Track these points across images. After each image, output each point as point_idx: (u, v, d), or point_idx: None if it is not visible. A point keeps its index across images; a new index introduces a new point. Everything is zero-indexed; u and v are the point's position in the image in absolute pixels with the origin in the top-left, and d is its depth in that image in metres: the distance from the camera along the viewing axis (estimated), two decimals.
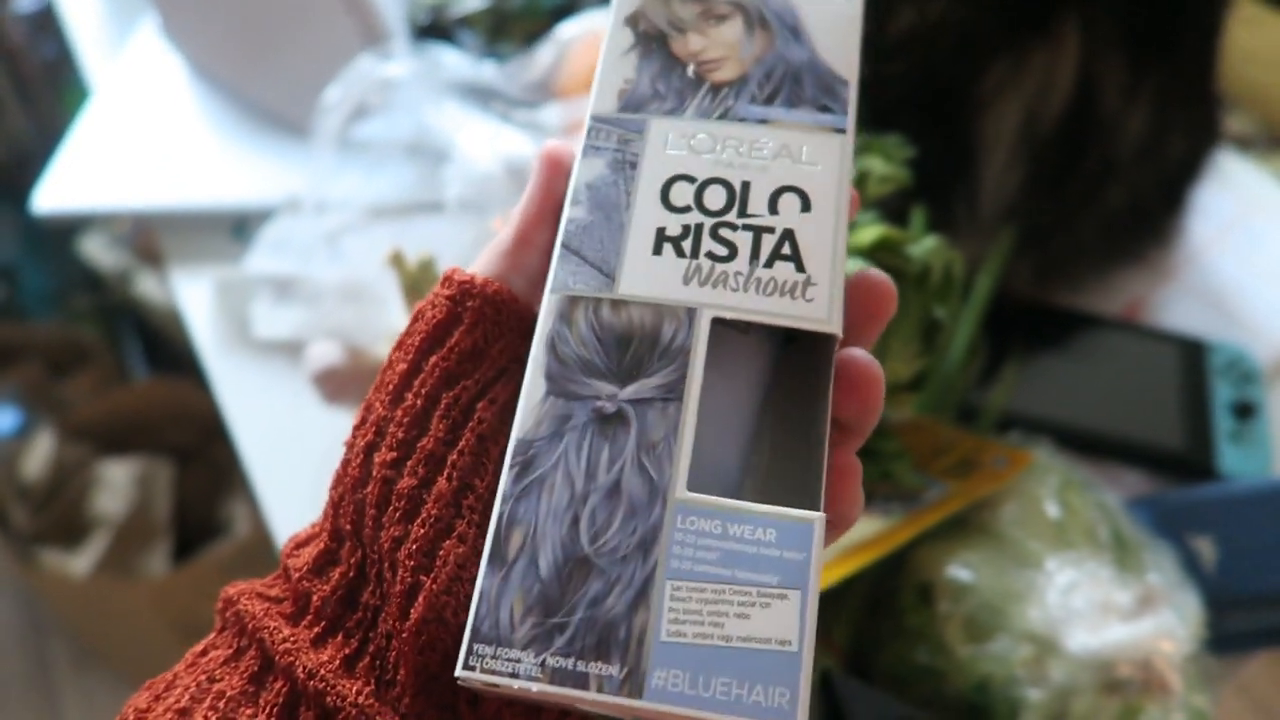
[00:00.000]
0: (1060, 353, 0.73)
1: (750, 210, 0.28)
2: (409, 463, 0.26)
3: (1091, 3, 0.60)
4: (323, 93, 0.70)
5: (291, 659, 0.25)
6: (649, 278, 0.27)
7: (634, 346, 0.26)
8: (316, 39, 0.78)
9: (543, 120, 0.68)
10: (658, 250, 0.27)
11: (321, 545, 0.27)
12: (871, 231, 0.49)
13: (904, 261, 0.49)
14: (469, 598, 0.25)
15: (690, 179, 0.28)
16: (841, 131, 0.29)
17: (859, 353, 0.27)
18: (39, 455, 1.19)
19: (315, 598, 0.26)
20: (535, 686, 0.23)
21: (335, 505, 0.28)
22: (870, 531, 0.51)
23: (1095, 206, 0.69)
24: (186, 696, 0.25)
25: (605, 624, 0.23)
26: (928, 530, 0.52)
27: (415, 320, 0.29)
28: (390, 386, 0.28)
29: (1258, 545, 0.61)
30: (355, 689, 0.25)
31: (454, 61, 0.72)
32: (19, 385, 1.29)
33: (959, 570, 0.52)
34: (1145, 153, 0.67)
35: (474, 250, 0.60)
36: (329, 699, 0.24)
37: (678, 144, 0.29)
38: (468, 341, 0.27)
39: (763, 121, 0.29)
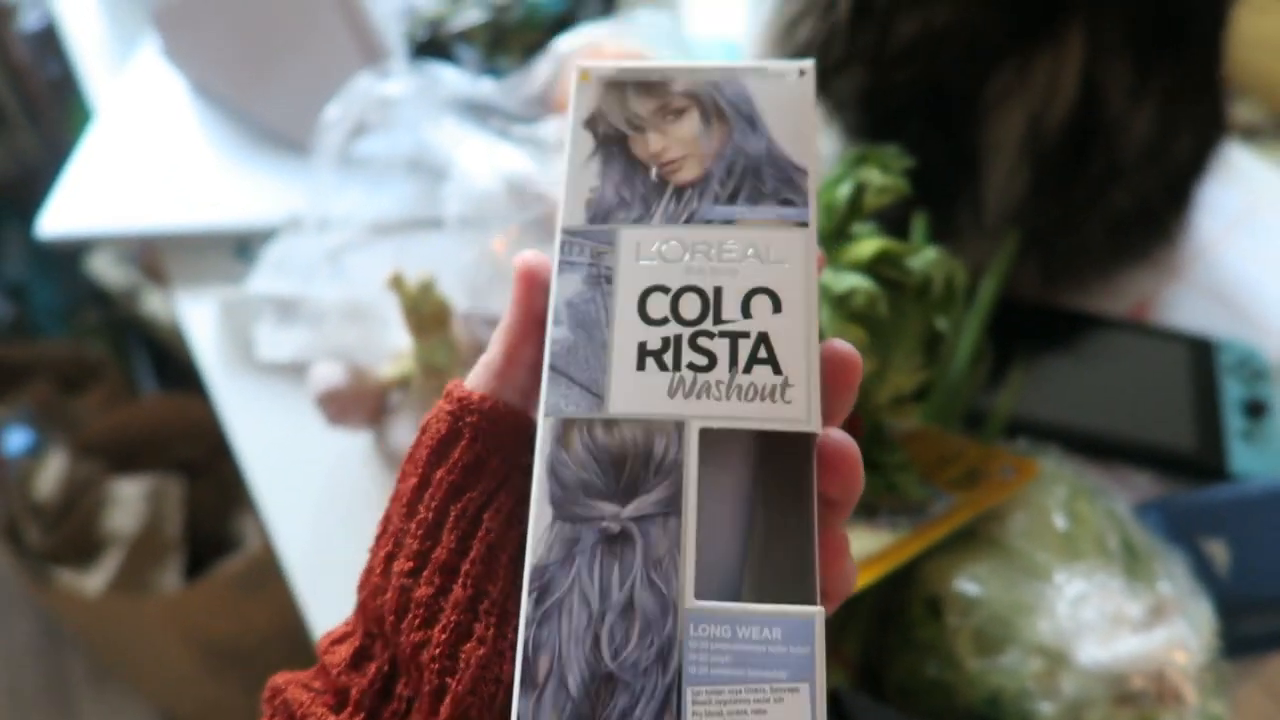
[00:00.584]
0: (1067, 355, 0.72)
1: (724, 316, 0.29)
2: (424, 573, 0.28)
3: (1097, 5, 0.59)
4: (323, 111, 0.70)
5: None
6: (636, 395, 0.28)
7: (629, 465, 0.27)
8: (316, 57, 0.78)
9: (541, 135, 0.67)
10: (641, 366, 0.28)
11: (356, 643, 0.30)
12: (871, 244, 0.49)
13: (904, 274, 0.49)
14: (492, 697, 0.27)
15: (664, 289, 0.29)
16: (804, 225, 0.30)
17: (836, 436, 0.28)
18: (51, 474, 1.19)
19: (354, 691, 0.29)
20: None
21: (363, 607, 0.30)
22: (877, 545, 0.51)
23: (1101, 209, 0.69)
24: None
25: None
26: (935, 543, 0.52)
27: (422, 433, 0.30)
28: (404, 499, 0.30)
29: (1271, 547, 0.60)
30: None
31: (452, 78, 0.72)
32: (31, 404, 1.30)
33: (967, 583, 0.51)
34: (1151, 153, 0.66)
35: (474, 269, 0.60)
36: None
37: (648, 254, 0.30)
38: (469, 455, 0.29)
39: (728, 222, 0.30)
